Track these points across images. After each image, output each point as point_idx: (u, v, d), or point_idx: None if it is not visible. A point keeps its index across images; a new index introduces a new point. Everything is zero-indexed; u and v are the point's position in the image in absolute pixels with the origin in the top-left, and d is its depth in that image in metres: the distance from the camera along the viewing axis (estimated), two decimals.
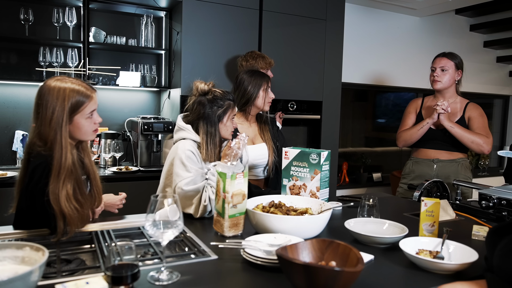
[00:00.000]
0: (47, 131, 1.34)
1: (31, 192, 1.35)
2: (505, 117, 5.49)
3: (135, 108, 3.21)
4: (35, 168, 1.34)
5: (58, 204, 1.30)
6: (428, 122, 2.47)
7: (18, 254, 1.00)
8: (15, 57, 2.81)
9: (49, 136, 1.34)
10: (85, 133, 1.43)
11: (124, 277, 0.97)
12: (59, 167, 1.32)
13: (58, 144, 1.34)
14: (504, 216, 1.74)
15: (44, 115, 1.34)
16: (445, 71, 2.49)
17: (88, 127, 1.43)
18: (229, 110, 1.78)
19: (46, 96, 1.35)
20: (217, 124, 1.75)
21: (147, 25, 3.03)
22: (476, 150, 2.43)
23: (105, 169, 2.76)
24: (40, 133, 1.37)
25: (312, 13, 3.18)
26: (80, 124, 1.40)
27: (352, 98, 4.45)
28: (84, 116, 1.40)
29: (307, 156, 1.76)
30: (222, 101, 1.76)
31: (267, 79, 2.10)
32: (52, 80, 1.39)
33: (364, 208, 1.57)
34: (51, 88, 1.36)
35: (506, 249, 1.00)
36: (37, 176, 1.33)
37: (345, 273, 0.91)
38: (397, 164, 4.59)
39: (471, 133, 2.40)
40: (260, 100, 2.09)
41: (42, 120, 1.35)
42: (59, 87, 1.36)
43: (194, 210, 1.63)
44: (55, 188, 1.30)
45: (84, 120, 1.41)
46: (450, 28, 4.57)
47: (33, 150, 1.38)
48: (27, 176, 1.36)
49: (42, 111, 1.35)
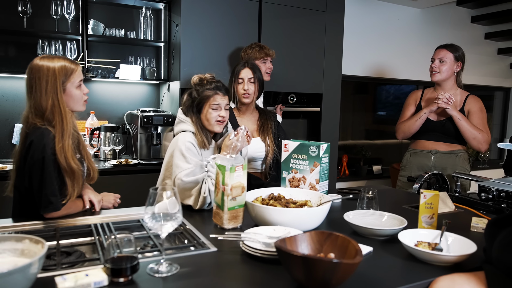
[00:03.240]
0: (44, 102, 1.45)
1: (29, 165, 1.42)
2: (505, 109, 5.47)
3: (134, 101, 3.20)
4: (32, 141, 1.42)
5: (66, 161, 1.43)
6: (426, 112, 2.46)
7: (17, 247, 1.00)
8: (13, 50, 2.80)
9: (47, 105, 1.45)
10: (77, 101, 1.54)
11: (123, 269, 0.98)
12: (62, 129, 1.45)
13: (57, 110, 1.46)
14: (503, 208, 1.74)
15: (38, 86, 1.45)
16: (443, 62, 2.47)
17: (79, 95, 1.54)
18: (206, 100, 1.75)
19: (37, 71, 1.46)
20: (198, 113, 1.77)
21: (146, 17, 3.01)
22: (474, 146, 2.42)
23: (105, 162, 2.76)
24: (36, 106, 1.46)
25: (312, 4, 3.16)
26: (72, 93, 1.51)
27: (352, 91, 4.43)
28: (74, 85, 1.52)
29: (307, 148, 1.76)
30: (202, 90, 1.76)
31: (239, 70, 2.09)
32: (38, 59, 1.49)
33: (364, 201, 1.57)
34: (39, 64, 1.47)
35: (505, 241, 1.01)
36: (35, 147, 1.41)
37: (343, 265, 0.92)
38: (397, 156, 4.59)
39: (475, 129, 2.39)
40: (236, 93, 2.09)
41: (37, 92, 1.45)
42: (47, 62, 1.48)
43: (194, 201, 1.64)
44: (62, 148, 1.43)
45: (75, 89, 1.52)
46: (451, 19, 4.54)
47: (30, 125, 1.47)
48: (24, 149, 1.45)
49: (35, 84, 1.45)
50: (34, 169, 1.42)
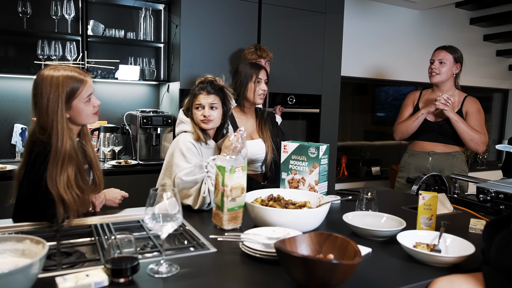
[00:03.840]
0: (45, 119, 1.39)
1: (32, 179, 1.37)
2: (504, 111, 5.49)
3: (134, 101, 3.20)
4: (37, 155, 1.37)
5: (56, 190, 1.32)
6: (423, 113, 2.47)
7: (18, 247, 1.01)
8: (13, 50, 2.80)
9: (47, 123, 1.39)
10: (86, 117, 1.46)
11: (123, 269, 0.98)
12: (56, 152, 1.35)
13: (55, 131, 1.37)
14: (501, 209, 1.75)
15: (40, 104, 1.39)
16: (443, 63, 2.48)
17: (88, 110, 1.46)
18: (193, 99, 1.77)
19: (41, 86, 1.39)
20: (191, 112, 1.79)
21: (146, 18, 3.02)
22: (472, 148, 2.44)
23: (104, 163, 2.76)
24: (39, 122, 1.41)
25: (311, 6, 3.17)
26: (79, 109, 1.43)
27: (351, 92, 4.44)
28: (82, 101, 1.43)
29: (306, 149, 1.76)
30: (191, 92, 1.79)
31: (257, 71, 2.06)
32: (46, 70, 1.42)
33: (363, 202, 1.58)
34: (44, 77, 1.39)
35: (502, 242, 1.01)
36: (39, 162, 1.36)
37: (342, 266, 0.92)
38: (396, 158, 4.60)
39: (473, 130, 2.39)
40: (249, 93, 2.06)
41: (40, 109, 1.39)
42: (52, 76, 1.39)
43: (193, 201, 1.64)
44: (52, 173, 1.33)
45: (83, 105, 1.44)
46: (450, 21, 4.55)
47: (35, 139, 1.42)
48: (28, 163, 1.39)
49: (38, 101, 1.39)
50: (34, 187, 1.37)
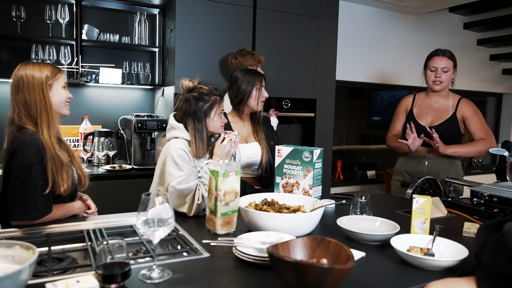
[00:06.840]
0: (32, 97, 1.48)
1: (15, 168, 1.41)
2: (498, 114, 5.52)
3: (128, 106, 3.19)
4: (19, 146, 1.43)
5: (53, 150, 1.46)
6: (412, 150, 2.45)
7: (8, 253, 1.00)
8: (7, 55, 2.79)
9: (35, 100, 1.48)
10: (62, 101, 1.58)
11: (115, 275, 0.97)
12: (48, 122, 1.49)
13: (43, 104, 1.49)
14: (495, 213, 1.75)
15: (26, 84, 1.48)
16: (446, 71, 2.47)
17: (64, 95, 1.59)
18: (215, 105, 1.77)
19: (22, 72, 1.50)
20: (203, 119, 1.75)
21: (141, 22, 3.01)
22: (484, 155, 2.48)
23: (99, 168, 2.75)
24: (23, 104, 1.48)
25: (306, 11, 3.18)
26: (58, 91, 1.56)
27: (346, 96, 4.45)
28: (60, 84, 1.57)
29: (300, 154, 1.76)
30: (208, 97, 1.76)
31: (260, 78, 2.08)
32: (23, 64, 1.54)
33: (357, 206, 1.58)
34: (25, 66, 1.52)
35: (495, 246, 1.01)
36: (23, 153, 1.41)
37: (335, 270, 0.92)
38: (391, 161, 4.60)
39: (473, 146, 2.41)
40: (253, 100, 2.07)
41: (25, 88, 1.48)
42: (32, 64, 1.53)
43: (188, 209, 1.63)
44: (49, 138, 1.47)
45: (61, 89, 1.58)
46: (444, 26, 4.58)
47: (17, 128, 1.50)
48: (9, 153, 1.45)
49: (22, 82, 1.48)
50: (17, 176, 1.40)
